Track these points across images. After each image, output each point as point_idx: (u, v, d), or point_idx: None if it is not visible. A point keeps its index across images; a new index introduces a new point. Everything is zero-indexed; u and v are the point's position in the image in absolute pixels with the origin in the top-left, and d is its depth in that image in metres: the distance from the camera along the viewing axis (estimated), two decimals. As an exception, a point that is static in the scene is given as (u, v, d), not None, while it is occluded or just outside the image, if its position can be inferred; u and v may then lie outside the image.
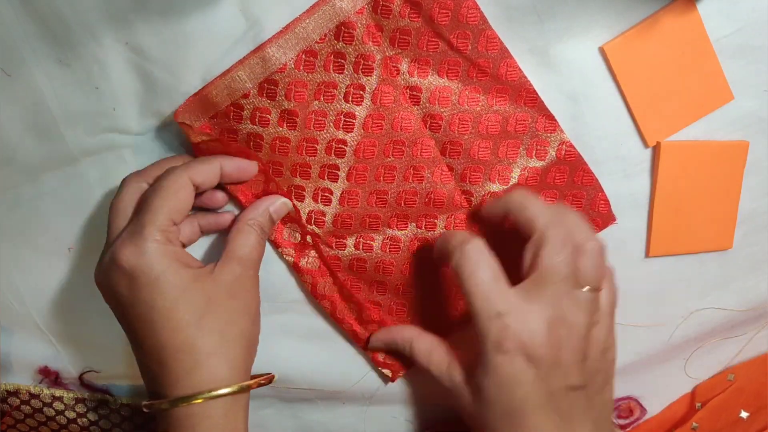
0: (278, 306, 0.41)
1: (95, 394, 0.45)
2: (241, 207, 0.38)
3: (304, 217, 0.38)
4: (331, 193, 0.38)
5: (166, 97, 0.36)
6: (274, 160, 0.37)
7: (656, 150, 0.38)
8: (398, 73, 0.36)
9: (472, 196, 0.38)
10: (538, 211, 0.35)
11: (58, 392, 0.44)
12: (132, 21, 0.35)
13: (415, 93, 0.36)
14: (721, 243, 0.41)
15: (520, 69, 0.36)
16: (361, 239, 0.39)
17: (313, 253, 0.39)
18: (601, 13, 0.36)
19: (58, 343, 0.44)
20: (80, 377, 0.44)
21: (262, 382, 0.36)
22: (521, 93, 0.36)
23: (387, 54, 0.35)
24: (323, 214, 0.38)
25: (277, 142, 0.36)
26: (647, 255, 0.41)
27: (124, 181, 0.36)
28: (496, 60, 0.36)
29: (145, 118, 0.37)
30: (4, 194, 0.40)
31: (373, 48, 0.35)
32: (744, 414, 0.45)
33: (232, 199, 0.38)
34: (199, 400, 0.32)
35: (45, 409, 0.44)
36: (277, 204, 0.37)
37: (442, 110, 0.36)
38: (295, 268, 0.39)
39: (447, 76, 0.36)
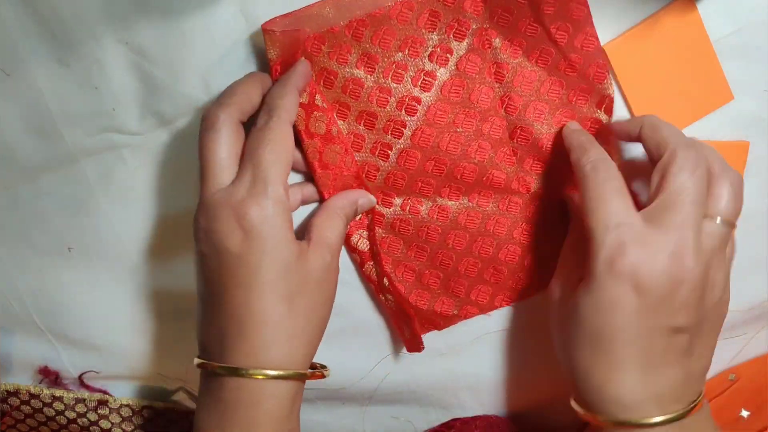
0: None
1: (95, 394, 0.45)
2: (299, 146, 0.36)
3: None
4: (391, 149, 0.37)
5: (165, 97, 0.36)
6: (341, 101, 0.37)
7: (656, 150, 0.38)
8: (490, 47, 0.36)
9: (531, 185, 0.38)
10: (672, 132, 0.33)
11: (58, 392, 0.44)
12: (132, 21, 0.35)
13: (500, 70, 0.36)
14: (721, 243, 0.41)
15: (608, 73, 0.36)
16: (409, 201, 0.39)
17: (365, 233, 0.39)
18: (601, 13, 0.36)
19: (58, 343, 0.44)
20: (80, 377, 0.44)
21: (322, 374, 0.35)
22: (603, 97, 0.37)
23: (483, 26, 0.35)
24: (377, 168, 0.38)
25: (350, 83, 0.36)
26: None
27: (215, 115, 0.32)
28: (588, 58, 0.36)
29: (144, 118, 0.37)
30: (4, 194, 0.40)
31: (471, 16, 0.35)
32: (745, 413, 0.45)
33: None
34: (261, 377, 0.31)
35: (45, 409, 0.44)
36: (365, 200, 0.37)
37: (522, 94, 0.36)
38: (345, 243, 0.39)
39: (536, 62, 0.36)
